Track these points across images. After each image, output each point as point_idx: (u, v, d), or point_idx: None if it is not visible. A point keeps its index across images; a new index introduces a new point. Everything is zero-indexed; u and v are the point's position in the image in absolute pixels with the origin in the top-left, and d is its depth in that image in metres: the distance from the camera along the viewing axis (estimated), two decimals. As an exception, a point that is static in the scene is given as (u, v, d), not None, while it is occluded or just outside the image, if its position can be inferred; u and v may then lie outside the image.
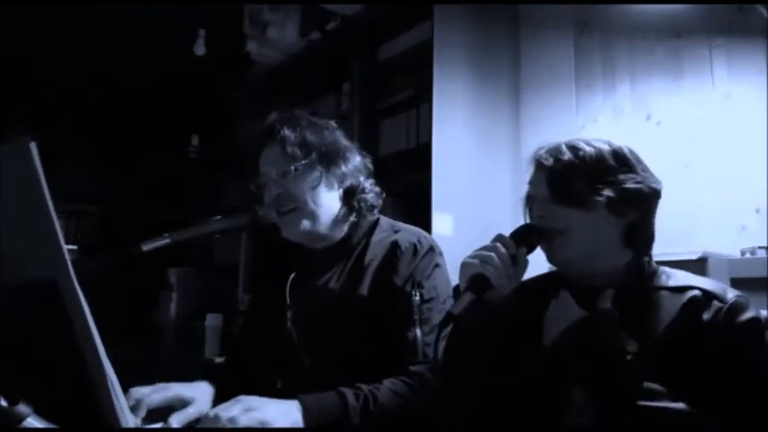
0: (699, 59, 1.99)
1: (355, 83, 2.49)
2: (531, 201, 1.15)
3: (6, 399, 0.67)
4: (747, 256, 1.68)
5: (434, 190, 2.07)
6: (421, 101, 2.26)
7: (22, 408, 0.67)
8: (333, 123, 1.42)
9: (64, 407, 0.72)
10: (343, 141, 1.39)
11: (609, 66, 2.24)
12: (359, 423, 1.08)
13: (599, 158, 1.07)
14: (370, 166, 1.42)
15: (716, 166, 1.90)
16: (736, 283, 1.54)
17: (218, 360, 2.87)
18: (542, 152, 1.12)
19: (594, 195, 1.04)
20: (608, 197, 1.04)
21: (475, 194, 2.23)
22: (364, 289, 1.28)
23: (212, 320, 2.96)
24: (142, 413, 1.15)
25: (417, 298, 1.23)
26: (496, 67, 2.40)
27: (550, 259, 1.10)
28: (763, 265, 1.58)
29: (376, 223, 1.40)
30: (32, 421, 0.68)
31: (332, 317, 1.29)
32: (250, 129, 2.82)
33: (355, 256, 1.34)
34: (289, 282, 1.38)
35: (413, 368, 1.17)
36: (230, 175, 3.37)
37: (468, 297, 0.98)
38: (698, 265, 1.54)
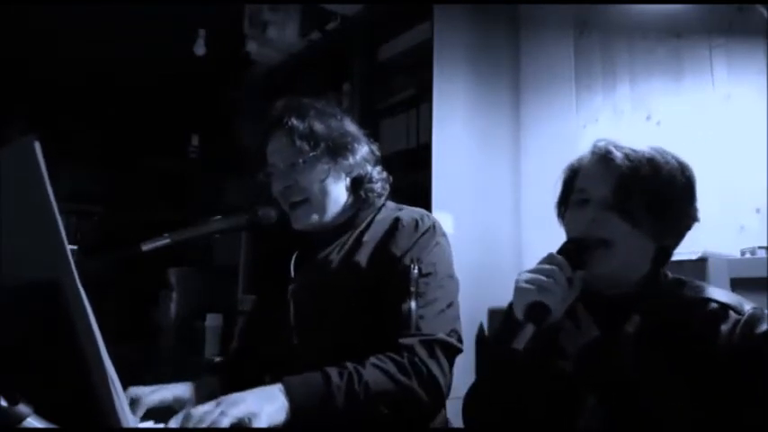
0: (699, 59, 1.99)
1: (355, 83, 2.49)
2: (577, 193, 1.07)
3: (6, 399, 0.67)
4: (747, 256, 1.68)
5: (434, 190, 2.07)
6: (421, 101, 2.26)
7: (22, 408, 0.67)
8: (339, 110, 1.41)
9: (64, 407, 0.72)
10: (351, 129, 1.38)
11: (609, 66, 2.24)
12: (344, 402, 1.07)
13: (671, 179, 1.01)
14: (377, 152, 1.42)
15: (716, 166, 1.90)
16: (736, 283, 1.54)
17: (218, 360, 2.87)
18: (611, 147, 1.04)
19: (651, 217, 1.00)
20: (661, 224, 1.01)
21: (475, 194, 2.23)
22: (363, 261, 1.28)
23: (212, 320, 2.96)
24: (140, 412, 1.15)
25: (415, 271, 1.22)
26: (496, 67, 2.40)
27: (587, 270, 1.02)
28: (763, 265, 1.58)
29: (382, 206, 1.40)
30: (32, 421, 0.68)
31: (330, 289, 1.29)
32: (250, 129, 2.82)
33: (358, 232, 1.35)
34: (293, 258, 1.39)
35: (403, 341, 1.16)
36: (230, 175, 3.37)
37: (530, 330, 0.92)
38: (698, 265, 1.54)
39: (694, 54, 2.01)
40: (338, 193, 1.35)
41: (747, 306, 0.99)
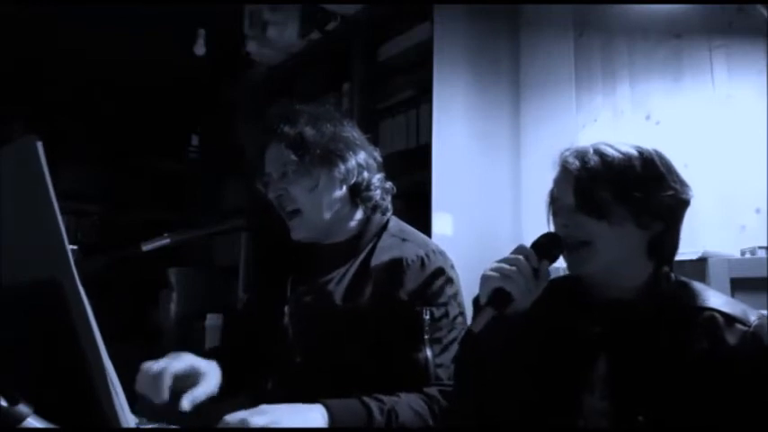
0: (699, 60, 1.99)
1: (355, 83, 2.49)
2: (554, 203, 1.11)
3: (6, 399, 0.67)
4: (747, 256, 1.68)
5: (434, 190, 2.07)
6: (421, 101, 2.26)
7: (22, 408, 0.67)
8: (339, 115, 1.37)
9: (64, 407, 0.72)
10: (346, 134, 1.33)
11: (609, 66, 2.24)
12: None
13: (627, 168, 1.04)
14: (379, 158, 1.38)
15: (716, 166, 1.90)
16: (736, 283, 1.54)
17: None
18: (568, 155, 1.08)
19: (620, 208, 1.02)
20: (634, 210, 1.02)
21: (475, 194, 2.23)
22: (366, 298, 1.24)
23: (212, 320, 2.96)
24: (169, 381, 1.11)
25: (427, 317, 1.19)
26: (496, 67, 2.40)
27: (572, 270, 1.08)
28: (763, 265, 1.58)
29: (385, 226, 1.36)
30: (32, 421, 0.68)
31: (329, 320, 1.27)
32: (250, 129, 2.82)
33: (360, 261, 1.30)
34: (291, 276, 1.37)
35: (427, 390, 1.15)
36: (230, 176, 3.37)
37: (488, 313, 0.95)
38: (698, 265, 1.54)
39: (694, 54, 2.01)
40: (332, 204, 1.31)
41: (753, 316, 0.99)
